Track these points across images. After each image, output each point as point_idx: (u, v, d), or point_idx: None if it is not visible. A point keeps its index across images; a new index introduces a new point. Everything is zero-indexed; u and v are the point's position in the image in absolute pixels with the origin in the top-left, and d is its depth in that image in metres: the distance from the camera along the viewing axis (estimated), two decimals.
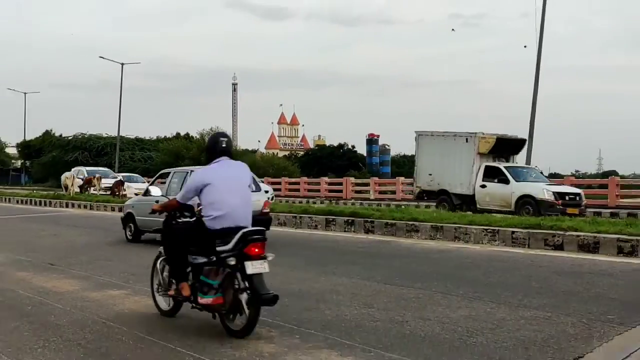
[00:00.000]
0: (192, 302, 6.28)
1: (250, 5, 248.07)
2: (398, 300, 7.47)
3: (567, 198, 20.74)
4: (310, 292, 8.07)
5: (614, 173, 47.68)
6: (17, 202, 34.53)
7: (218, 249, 5.94)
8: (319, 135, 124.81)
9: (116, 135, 57.74)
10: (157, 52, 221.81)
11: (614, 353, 5.26)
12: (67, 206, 29.88)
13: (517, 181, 21.17)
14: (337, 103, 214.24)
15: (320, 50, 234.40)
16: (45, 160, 66.81)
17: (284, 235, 15.58)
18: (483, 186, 21.85)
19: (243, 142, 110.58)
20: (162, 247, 6.88)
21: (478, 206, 21.63)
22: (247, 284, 5.91)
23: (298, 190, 40.02)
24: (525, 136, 27.87)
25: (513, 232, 12.40)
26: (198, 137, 61.70)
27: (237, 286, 5.94)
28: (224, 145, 6.96)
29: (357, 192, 36.88)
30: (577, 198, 21.40)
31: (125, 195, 30.35)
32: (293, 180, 43.53)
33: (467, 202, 22.28)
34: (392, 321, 6.44)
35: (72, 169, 40.98)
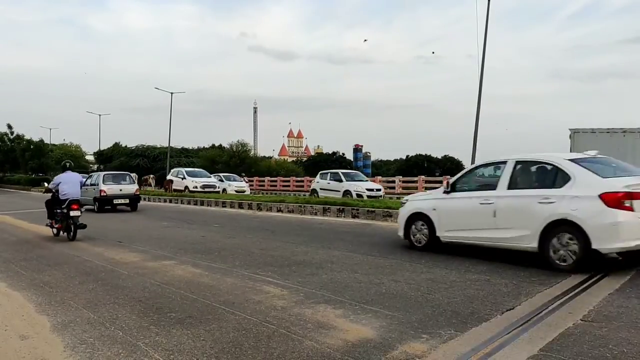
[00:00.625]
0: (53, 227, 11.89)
1: (266, 49, 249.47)
2: (376, 267, 7.45)
3: None
4: (311, 261, 8.05)
5: None
6: None
7: (63, 207, 11.35)
8: (318, 146, 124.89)
9: (167, 145, 57.60)
10: (198, 84, 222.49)
11: (536, 304, 5.26)
12: None
13: None
14: (332, 121, 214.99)
15: (319, 83, 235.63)
16: (115, 164, 66.38)
17: (292, 219, 15.54)
18: None
19: (261, 151, 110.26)
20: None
21: None
22: (71, 220, 11.19)
23: (302, 186, 39.91)
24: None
25: None
26: (228, 147, 61.50)
27: (68, 221, 11.27)
28: (67, 165, 12.22)
29: None
30: None
31: (174, 190, 30.34)
32: (299, 179, 43.48)
33: None
34: (371, 283, 6.43)
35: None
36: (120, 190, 21.38)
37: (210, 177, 32.29)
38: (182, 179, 30.85)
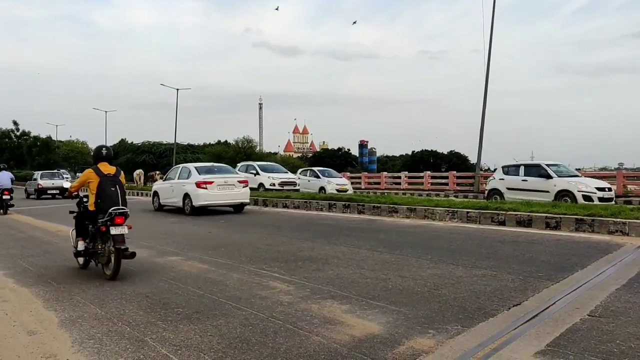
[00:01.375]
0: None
1: (271, 45, 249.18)
2: (382, 263, 7.44)
3: None
4: (317, 257, 8.05)
5: None
6: None
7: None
8: (324, 141, 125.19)
9: (173, 142, 57.77)
10: (204, 80, 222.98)
11: (543, 300, 5.25)
12: (137, 195, 29.91)
13: None
14: (337, 117, 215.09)
15: (324, 78, 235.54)
16: (121, 161, 66.63)
17: (298, 215, 15.55)
18: None
19: (267, 147, 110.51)
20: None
21: None
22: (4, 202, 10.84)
23: None
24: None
25: (468, 212, 12.35)
26: (233, 143, 61.59)
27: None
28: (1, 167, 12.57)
29: (351, 183, 36.73)
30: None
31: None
32: None
33: None
34: (378, 278, 6.42)
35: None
36: (53, 183, 32.04)
37: (287, 172, 26.01)
38: (255, 174, 24.43)
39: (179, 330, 4.56)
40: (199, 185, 16.04)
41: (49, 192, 31.78)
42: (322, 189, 25.22)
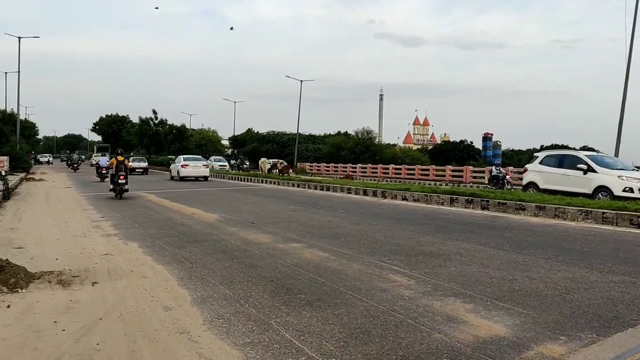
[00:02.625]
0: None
1: (393, 36, 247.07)
2: (508, 262, 7.11)
3: None
4: (438, 252, 7.87)
5: None
6: (229, 178, 36.13)
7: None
8: (445, 133, 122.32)
9: (296, 132, 59.30)
10: (326, 72, 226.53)
11: None
12: (262, 182, 31.04)
13: None
14: (460, 108, 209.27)
15: (447, 68, 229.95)
16: (247, 149, 69.55)
17: (417, 208, 15.32)
18: None
19: (386, 138, 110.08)
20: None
21: None
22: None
23: (428, 175, 39.25)
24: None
25: (603, 213, 11.45)
26: (353, 134, 61.90)
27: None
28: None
29: (473, 177, 35.56)
30: None
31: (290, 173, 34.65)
32: (424, 167, 42.74)
33: None
34: (504, 279, 6.14)
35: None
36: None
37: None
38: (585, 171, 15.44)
39: (301, 316, 4.66)
40: (183, 166, 32.11)
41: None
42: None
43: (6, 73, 51.30)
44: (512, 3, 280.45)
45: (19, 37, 41.85)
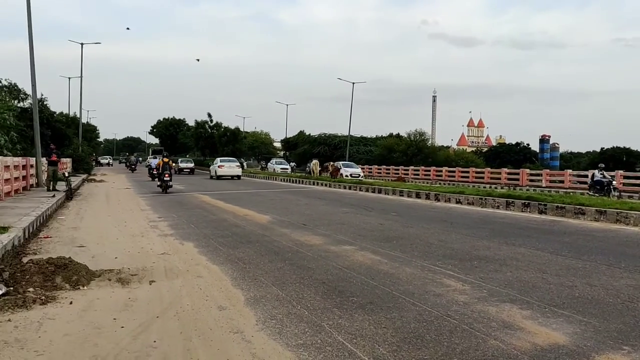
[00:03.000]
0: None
1: (447, 36, 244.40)
2: (567, 268, 6.87)
3: None
4: (494, 257, 7.69)
5: None
6: (281, 180, 36.56)
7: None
8: (500, 135, 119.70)
9: (347, 134, 59.28)
10: (378, 73, 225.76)
11: None
12: (313, 184, 31.16)
13: None
14: (515, 110, 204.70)
15: (503, 69, 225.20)
16: (299, 151, 69.94)
17: (472, 212, 15.02)
18: None
19: (439, 140, 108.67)
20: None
21: None
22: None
23: (482, 177, 38.48)
24: None
25: None
26: (405, 136, 61.38)
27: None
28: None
29: (530, 180, 34.62)
30: None
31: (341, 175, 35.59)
32: (479, 170, 41.95)
33: None
34: (562, 285, 5.94)
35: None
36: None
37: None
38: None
39: (354, 319, 4.64)
40: (219, 167, 36.74)
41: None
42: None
43: (69, 78, 53.37)
44: (573, 2, 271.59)
45: (82, 44, 43.45)
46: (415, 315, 4.74)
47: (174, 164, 23.99)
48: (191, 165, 49.62)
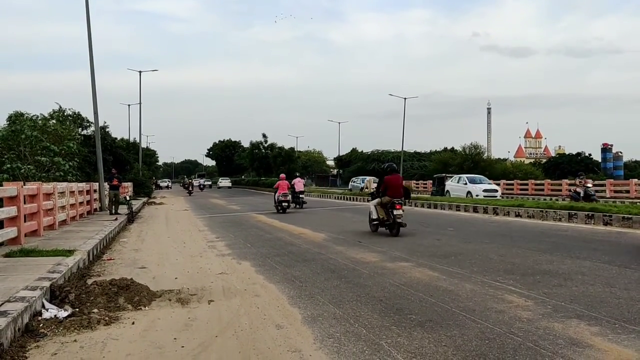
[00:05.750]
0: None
1: (499, 48, 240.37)
2: (637, 282, 6.52)
3: None
4: (557, 271, 7.39)
5: None
6: (335, 197, 36.57)
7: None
8: (560, 146, 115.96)
9: (400, 150, 58.88)
10: (430, 88, 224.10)
11: None
12: (368, 201, 30.96)
13: None
14: (575, 119, 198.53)
15: (559, 78, 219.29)
16: (353, 169, 70.01)
17: (532, 225, 14.56)
18: None
19: (495, 153, 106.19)
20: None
21: None
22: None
23: (542, 189, 37.33)
24: None
25: None
26: (460, 150, 60.38)
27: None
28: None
29: (595, 191, 33.32)
30: None
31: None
32: (538, 182, 40.73)
33: None
34: (633, 299, 5.64)
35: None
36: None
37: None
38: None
39: (413, 337, 4.55)
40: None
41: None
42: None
43: (129, 105, 55.50)
44: (629, 6, 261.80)
45: (140, 71, 45.14)
46: (476, 333, 4.60)
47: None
48: (228, 184, 73.60)
